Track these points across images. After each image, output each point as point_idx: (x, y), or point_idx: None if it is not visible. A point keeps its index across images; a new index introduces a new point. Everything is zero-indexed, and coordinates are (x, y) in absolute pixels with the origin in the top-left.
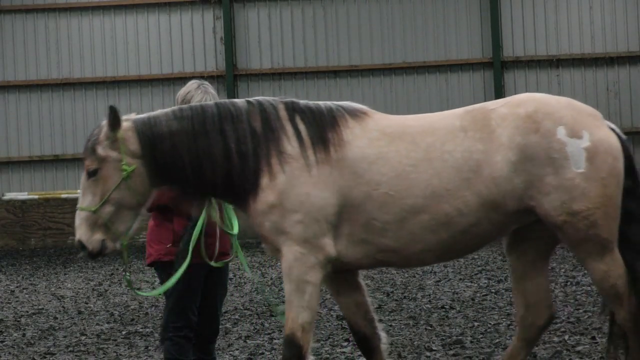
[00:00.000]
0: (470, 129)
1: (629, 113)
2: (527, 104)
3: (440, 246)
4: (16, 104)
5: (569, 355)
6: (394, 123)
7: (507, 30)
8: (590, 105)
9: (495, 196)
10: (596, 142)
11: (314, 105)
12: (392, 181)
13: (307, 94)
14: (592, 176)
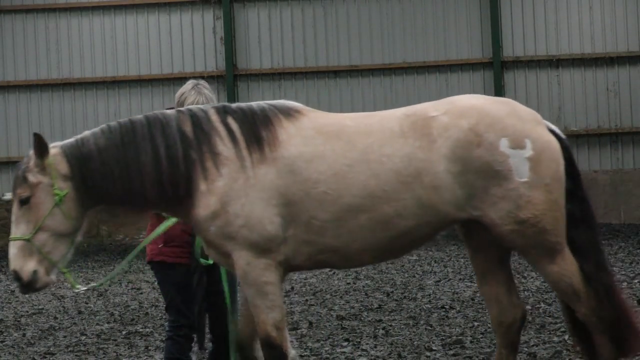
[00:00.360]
0: (410, 136)
1: (629, 113)
2: (469, 115)
3: (379, 246)
4: (16, 104)
5: (569, 355)
6: (330, 122)
7: (507, 30)
8: (590, 106)
9: (436, 203)
10: (539, 150)
11: (246, 106)
12: (329, 180)
13: (307, 94)
14: (536, 184)
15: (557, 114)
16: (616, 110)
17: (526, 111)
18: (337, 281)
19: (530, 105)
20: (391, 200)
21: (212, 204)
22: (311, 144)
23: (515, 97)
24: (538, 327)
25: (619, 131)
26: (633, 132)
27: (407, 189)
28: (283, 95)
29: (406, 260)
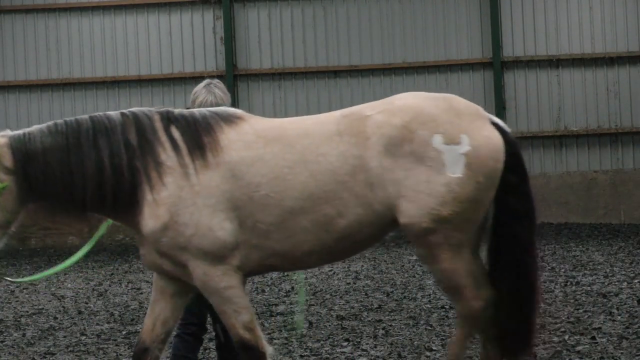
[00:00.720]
0: (346, 134)
1: (629, 113)
2: (403, 112)
3: (323, 248)
4: (16, 104)
5: (569, 355)
6: (270, 126)
7: (507, 30)
8: (590, 106)
9: (373, 202)
10: (476, 146)
11: (188, 114)
12: (271, 183)
13: (307, 94)
14: (468, 181)
15: (557, 114)
16: (616, 110)
17: (466, 106)
18: (337, 281)
19: (530, 105)
20: (331, 200)
21: (161, 216)
22: (252, 148)
23: (515, 97)
24: (538, 327)
25: (619, 131)
26: (633, 132)
27: (345, 187)
28: (283, 95)
29: (406, 260)
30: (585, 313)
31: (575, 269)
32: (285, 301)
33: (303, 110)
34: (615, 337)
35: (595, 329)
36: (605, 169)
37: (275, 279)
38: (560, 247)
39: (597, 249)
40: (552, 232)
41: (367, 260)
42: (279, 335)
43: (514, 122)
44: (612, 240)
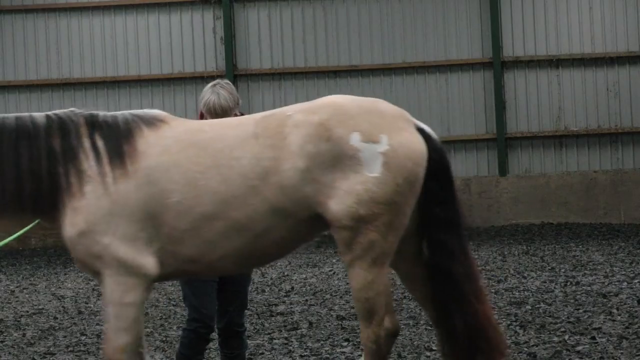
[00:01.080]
0: (262, 135)
1: (629, 113)
2: (322, 111)
3: (238, 253)
4: (16, 104)
5: (569, 355)
6: (189, 129)
7: (507, 30)
8: (590, 106)
9: (285, 204)
10: (395, 146)
11: (111, 118)
12: (183, 189)
13: (307, 94)
14: (386, 181)
15: (557, 114)
16: (616, 110)
17: (391, 109)
18: (337, 281)
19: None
20: (242, 205)
21: (78, 223)
22: (168, 153)
23: (515, 97)
24: (538, 327)
25: (619, 131)
26: (633, 132)
27: (255, 191)
28: (283, 95)
29: None
30: (585, 313)
31: (575, 269)
32: (285, 301)
33: None
34: (615, 337)
35: (595, 329)
36: (605, 169)
37: (275, 279)
38: (560, 247)
39: (597, 249)
40: (552, 232)
41: None
42: (279, 335)
43: (514, 122)
44: (612, 240)
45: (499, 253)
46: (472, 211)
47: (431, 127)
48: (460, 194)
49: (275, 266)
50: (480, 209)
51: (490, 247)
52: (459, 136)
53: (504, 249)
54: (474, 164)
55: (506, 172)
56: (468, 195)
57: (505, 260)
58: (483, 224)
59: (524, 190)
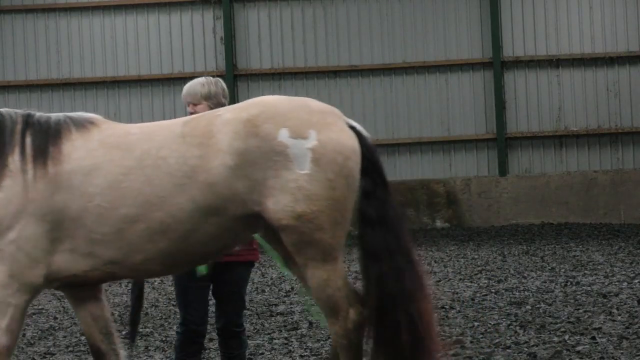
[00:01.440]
0: (190, 135)
1: (629, 113)
2: (252, 108)
3: (162, 255)
4: (16, 104)
5: (569, 355)
6: (117, 132)
7: (507, 30)
8: (590, 106)
9: (214, 202)
10: (324, 141)
11: (45, 118)
12: (105, 192)
13: (307, 94)
14: (318, 177)
15: (557, 114)
16: (616, 110)
17: (321, 106)
18: None
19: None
20: (166, 206)
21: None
22: (91, 156)
23: (515, 97)
24: (538, 327)
25: (619, 131)
26: (633, 132)
27: (182, 191)
28: (283, 95)
29: None
30: (585, 313)
31: (575, 269)
32: (285, 301)
33: None
34: (615, 337)
35: (595, 329)
36: (605, 169)
37: (275, 279)
38: (560, 247)
39: (597, 249)
40: (552, 232)
41: None
42: (279, 335)
43: (514, 122)
44: (612, 240)
45: (499, 253)
46: (472, 211)
47: (431, 127)
48: (460, 194)
49: (275, 266)
50: (480, 209)
51: (490, 247)
52: (459, 136)
53: (504, 249)
54: (474, 164)
55: (506, 172)
56: (468, 195)
57: (505, 260)
58: (483, 224)
59: (524, 190)
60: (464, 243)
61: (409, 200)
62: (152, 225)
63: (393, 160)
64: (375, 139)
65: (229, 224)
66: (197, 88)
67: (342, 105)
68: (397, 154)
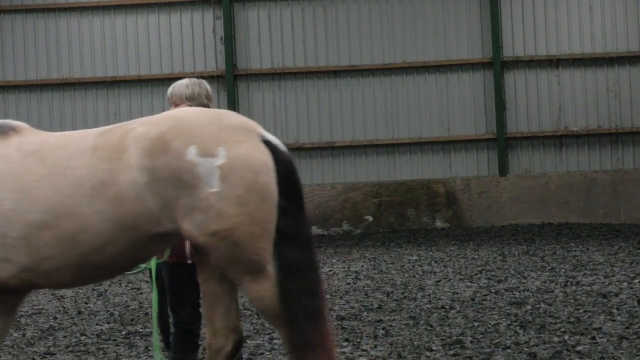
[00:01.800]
0: (101, 148)
1: (629, 113)
2: (162, 124)
3: (74, 265)
4: (16, 104)
5: (569, 355)
6: (35, 139)
7: (507, 30)
8: (590, 106)
9: (125, 217)
10: (233, 158)
11: None
12: (16, 197)
13: (307, 94)
14: (227, 195)
15: (557, 114)
16: (616, 110)
17: (234, 120)
18: (337, 281)
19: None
20: (74, 216)
21: None
22: (7, 162)
23: (515, 97)
24: (538, 327)
25: (619, 131)
26: (633, 132)
27: (89, 202)
28: (283, 95)
29: (406, 260)
30: (585, 313)
31: (575, 269)
32: None
33: (303, 110)
34: (615, 337)
35: (595, 329)
36: (605, 169)
37: None
38: (560, 247)
39: (597, 249)
40: (552, 232)
41: (367, 260)
42: (279, 335)
43: (514, 122)
44: (612, 240)
45: (499, 253)
46: (472, 211)
47: (431, 127)
48: (460, 194)
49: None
50: (480, 209)
51: (490, 247)
52: (459, 136)
53: (504, 249)
54: (474, 164)
55: (506, 172)
56: (468, 195)
57: (505, 260)
58: (483, 224)
59: (524, 190)
60: (464, 243)
61: (409, 200)
62: (59, 233)
63: (393, 160)
64: (375, 139)
65: (143, 240)
66: (182, 89)
67: (342, 105)
68: (397, 154)
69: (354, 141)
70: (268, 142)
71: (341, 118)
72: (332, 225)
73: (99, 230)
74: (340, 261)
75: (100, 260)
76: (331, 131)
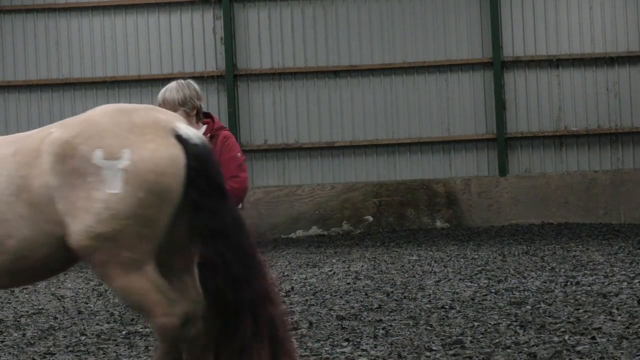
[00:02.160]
0: (19, 153)
1: (629, 113)
2: (74, 127)
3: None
4: (16, 104)
5: (569, 355)
6: None
7: (507, 30)
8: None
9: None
10: (136, 160)
11: None
12: None
13: (307, 94)
14: (127, 196)
15: (557, 114)
16: (616, 110)
17: (145, 119)
18: (337, 281)
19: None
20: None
21: None
22: None
23: (515, 97)
24: (538, 327)
25: (619, 131)
26: (633, 132)
27: (10, 209)
28: (283, 95)
29: (406, 260)
30: (585, 313)
31: (575, 269)
32: (285, 301)
33: (303, 110)
34: (615, 337)
35: (595, 329)
36: (605, 169)
37: (275, 279)
38: (560, 247)
39: (597, 249)
40: (552, 232)
41: (367, 260)
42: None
43: (514, 122)
44: (612, 240)
45: (499, 253)
46: (472, 211)
47: (431, 127)
48: (460, 194)
49: (276, 266)
50: (480, 209)
51: (490, 247)
52: (459, 136)
53: (504, 249)
54: (474, 164)
55: (506, 172)
56: (468, 195)
57: (505, 260)
58: (483, 224)
59: (524, 190)
60: (464, 243)
61: (409, 200)
62: None
63: (393, 160)
64: (375, 139)
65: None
66: (173, 95)
67: (342, 105)
68: (397, 154)
69: (354, 141)
70: (180, 136)
71: (341, 118)
72: (332, 225)
73: (23, 236)
74: (340, 261)
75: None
76: (331, 131)
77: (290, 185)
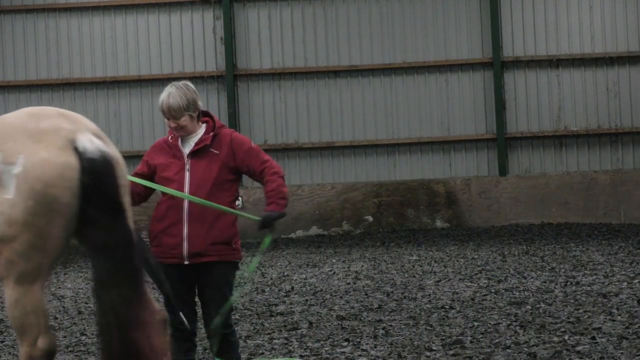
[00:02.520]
0: None
1: (629, 113)
2: None
3: None
4: (16, 104)
5: (569, 355)
6: None
7: (507, 30)
8: (590, 106)
9: None
10: (28, 167)
11: None
12: None
13: (307, 94)
14: (17, 203)
15: (557, 114)
16: (616, 110)
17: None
18: (337, 281)
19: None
20: None
21: None
22: None
23: (515, 97)
24: (538, 327)
25: (619, 131)
26: (633, 132)
27: None
28: (283, 95)
29: (406, 260)
30: (585, 313)
31: (575, 269)
32: (285, 301)
33: (303, 110)
34: (615, 337)
35: (595, 329)
36: (605, 169)
37: (275, 279)
38: (560, 247)
39: (597, 249)
40: (552, 232)
41: (367, 260)
42: (279, 335)
43: (514, 122)
44: (612, 240)
45: (499, 253)
46: (472, 211)
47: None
48: (460, 194)
49: (275, 266)
50: (480, 209)
51: (490, 247)
52: (459, 136)
53: (504, 249)
54: (474, 164)
55: (506, 172)
56: (468, 195)
57: (505, 260)
58: (483, 224)
59: (524, 190)
60: (464, 243)
61: (409, 200)
62: None
63: (393, 160)
64: (375, 139)
65: None
66: (177, 101)
67: (342, 105)
68: (397, 154)
69: (354, 141)
70: (77, 149)
71: (341, 118)
72: (332, 225)
73: None
74: (340, 261)
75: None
76: (331, 131)
77: (290, 185)
